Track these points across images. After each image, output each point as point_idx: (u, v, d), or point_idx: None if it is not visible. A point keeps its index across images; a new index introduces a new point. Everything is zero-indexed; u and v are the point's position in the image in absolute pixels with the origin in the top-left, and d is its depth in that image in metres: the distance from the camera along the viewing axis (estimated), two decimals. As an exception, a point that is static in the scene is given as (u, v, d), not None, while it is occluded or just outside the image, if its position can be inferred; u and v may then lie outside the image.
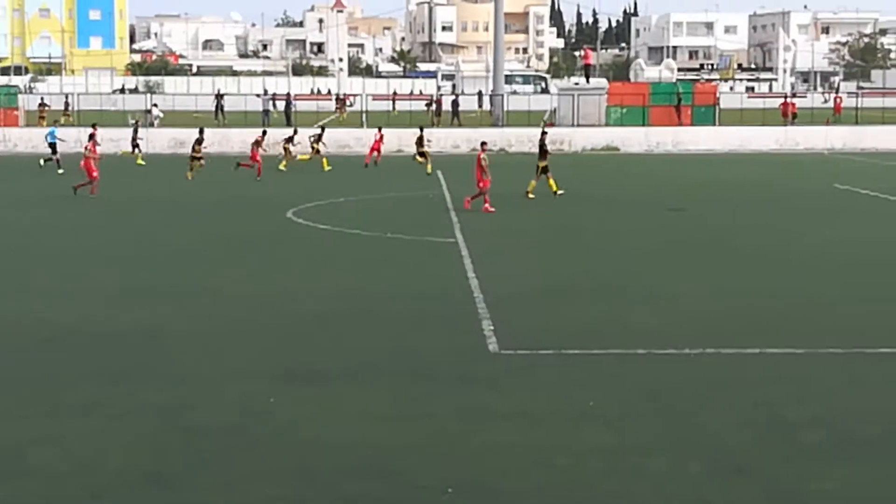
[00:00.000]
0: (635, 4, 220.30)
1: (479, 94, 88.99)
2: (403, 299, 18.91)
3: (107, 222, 29.85)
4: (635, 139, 57.00)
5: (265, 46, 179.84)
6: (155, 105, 66.58)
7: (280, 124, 64.44)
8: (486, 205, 30.32)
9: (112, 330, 16.62)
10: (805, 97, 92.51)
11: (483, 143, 32.64)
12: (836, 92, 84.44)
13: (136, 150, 50.03)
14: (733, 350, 15.22)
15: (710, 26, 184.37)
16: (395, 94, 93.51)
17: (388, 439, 11.56)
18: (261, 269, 22.20)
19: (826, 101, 78.38)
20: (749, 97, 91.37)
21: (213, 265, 22.85)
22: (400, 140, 54.03)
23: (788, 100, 72.87)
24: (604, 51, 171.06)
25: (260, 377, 13.92)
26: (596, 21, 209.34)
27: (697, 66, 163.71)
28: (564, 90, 67.99)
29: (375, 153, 47.25)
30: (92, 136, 38.20)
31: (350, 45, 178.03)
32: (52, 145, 44.55)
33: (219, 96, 76.63)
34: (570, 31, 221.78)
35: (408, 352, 15.25)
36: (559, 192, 33.60)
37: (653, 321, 17.18)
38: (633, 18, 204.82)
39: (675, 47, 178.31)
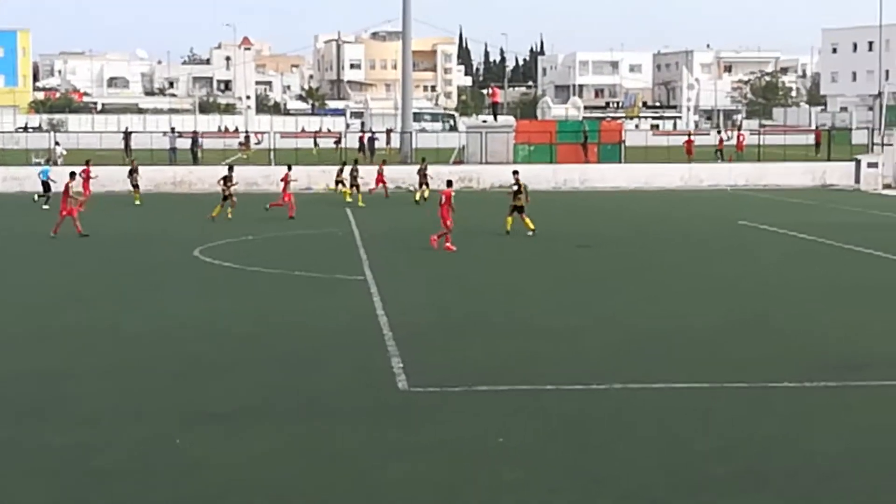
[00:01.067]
0: (542, 43, 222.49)
1: (388, 131, 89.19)
2: (312, 337, 18.77)
3: (3, 261, 29.31)
4: (543, 176, 57.40)
5: (171, 84, 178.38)
6: (58, 143, 65.71)
7: (187, 162, 63.98)
8: (448, 243, 30.15)
9: (11, 372, 16.26)
10: (708, 135, 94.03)
11: (449, 182, 32.49)
12: (739, 129, 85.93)
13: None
14: (639, 385, 15.32)
15: (615, 65, 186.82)
16: (315, 131, 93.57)
17: (295, 479, 11.41)
18: (165, 307, 21.90)
19: (729, 139, 79.63)
20: (654, 135, 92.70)
21: (117, 304, 22.48)
22: (309, 178, 53.92)
23: (692, 137, 74.04)
24: (511, 89, 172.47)
25: (165, 418, 13.69)
26: (503, 59, 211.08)
27: (603, 105, 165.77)
28: (472, 128, 68.47)
29: (382, 185, 49.77)
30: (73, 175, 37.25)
31: (258, 83, 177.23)
32: (45, 183, 45.69)
33: (127, 134, 75.97)
34: (477, 70, 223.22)
35: (316, 390, 15.12)
36: (533, 230, 33.36)
37: (561, 356, 17.25)
38: (539, 57, 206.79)
39: (581, 85, 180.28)
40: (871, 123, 72.60)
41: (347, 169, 49.15)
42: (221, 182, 40.67)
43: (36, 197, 46.27)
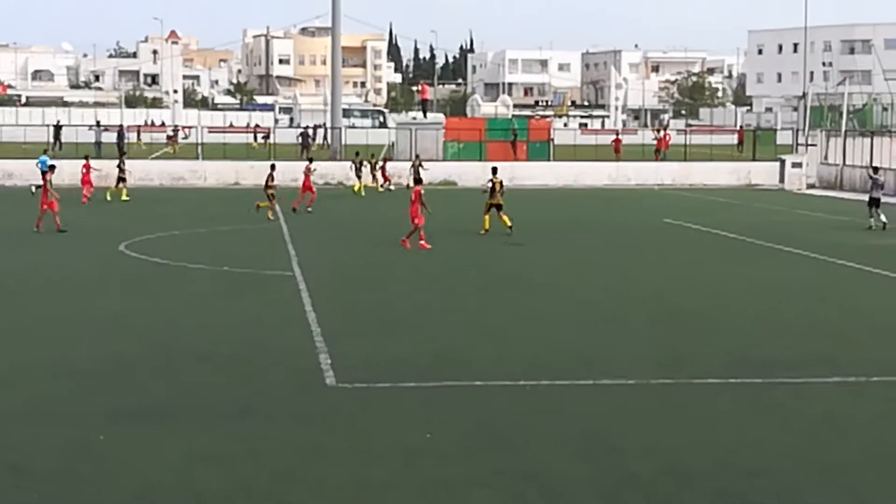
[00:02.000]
0: (471, 41, 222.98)
1: (316, 127, 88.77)
2: (238, 333, 18.62)
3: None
4: (472, 174, 57.38)
5: (97, 77, 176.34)
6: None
7: (112, 156, 63.23)
8: (422, 241, 29.83)
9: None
10: (636, 133, 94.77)
11: (419, 180, 32.52)
12: (665, 129, 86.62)
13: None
14: (567, 382, 15.40)
15: (544, 63, 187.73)
16: (255, 126, 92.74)
17: (216, 479, 11.29)
18: (87, 304, 21.63)
19: (656, 137, 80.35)
20: (582, 133, 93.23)
21: (35, 300, 22.15)
22: (237, 173, 53.56)
23: (620, 136, 74.64)
24: (441, 86, 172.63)
25: (84, 417, 13.49)
26: (433, 56, 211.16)
27: (533, 103, 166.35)
28: (402, 124, 68.34)
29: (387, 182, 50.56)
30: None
31: (185, 77, 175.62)
32: (44, 173, 44.22)
33: (57, 127, 75.01)
34: (407, 66, 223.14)
35: (240, 387, 15.00)
36: (510, 227, 33.12)
37: (489, 354, 17.27)
38: (469, 55, 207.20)
39: (510, 83, 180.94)
40: (795, 124, 73.53)
41: (347, 164, 50.37)
42: (268, 180, 38.72)
43: (34, 188, 45.08)
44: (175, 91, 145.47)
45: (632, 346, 18.03)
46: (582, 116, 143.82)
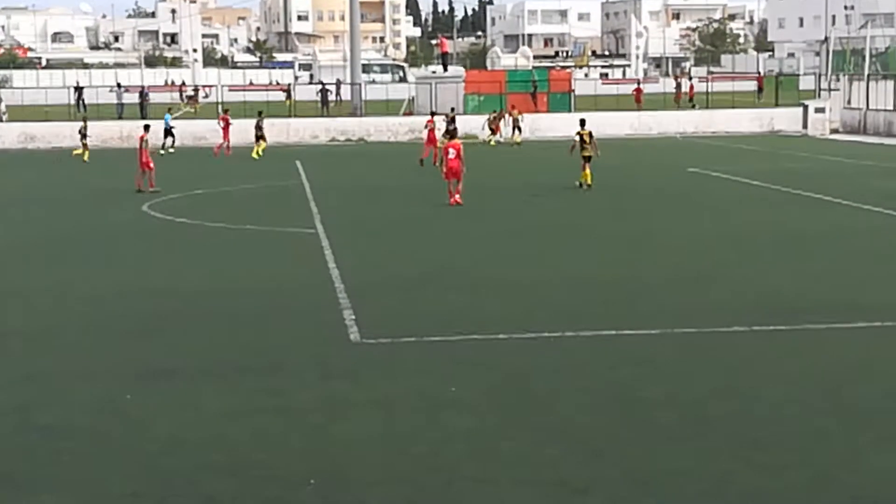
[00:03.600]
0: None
1: (338, 83, 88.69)
2: (262, 292, 18.72)
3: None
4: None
5: (117, 38, 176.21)
6: (0, 100, 64.86)
7: (135, 116, 63.38)
8: (458, 196, 29.25)
9: (-41, 331, 16.13)
10: (657, 82, 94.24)
11: (454, 132, 31.27)
12: (689, 77, 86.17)
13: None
14: (590, 332, 15.43)
15: (563, 14, 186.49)
16: (287, 85, 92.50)
17: (245, 435, 11.41)
18: (114, 265, 21.76)
19: (678, 84, 79.90)
20: (603, 83, 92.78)
21: (64, 261, 22.33)
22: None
23: (641, 85, 74.27)
24: (460, 39, 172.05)
25: (114, 376, 13.63)
26: (452, 10, 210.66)
27: (553, 54, 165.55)
28: (422, 79, 68.18)
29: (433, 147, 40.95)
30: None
31: (204, 36, 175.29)
32: (167, 130, 49.75)
33: (79, 89, 75.05)
34: (426, 20, 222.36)
35: (266, 345, 15.10)
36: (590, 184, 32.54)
37: (513, 306, 17.31)
38: (488, 7, 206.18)
39: (530, 35, 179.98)
40: (818, 69, 72.96)
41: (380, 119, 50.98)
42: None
43: (162, 150, 48.18)
44: (195, 50, 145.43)
45: (654, 296, 18.03)
46: (603, 66, 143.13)
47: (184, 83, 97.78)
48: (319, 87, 75.47)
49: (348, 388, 12.95)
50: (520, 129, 53.20)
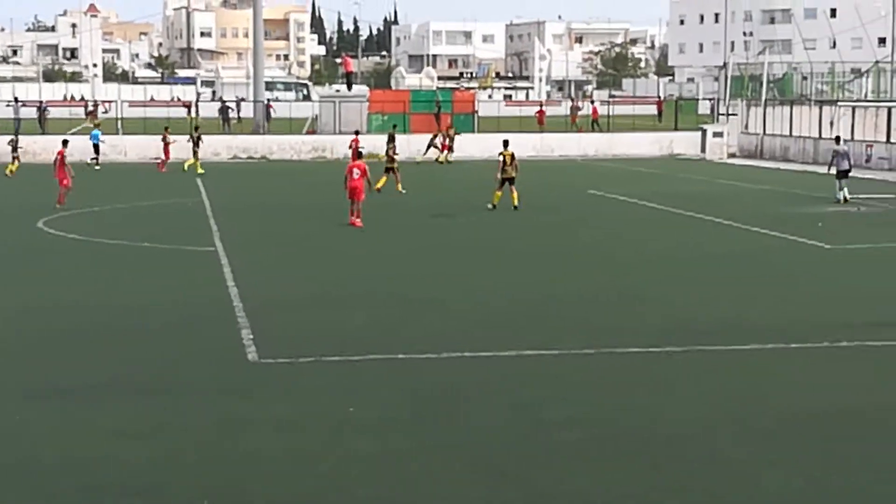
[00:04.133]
0: (395, 13, 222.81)
1: (239, 100, 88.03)
2: (159, 310, 18.40)
3: None
4: (397, 146, 57.23)
5: (15, 52, 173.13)
6: None
7: (34, 132, 62.27)
8: (358, 218, 28.79)
9: None
10: (560, 105, 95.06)
11: (360, 153, 31.72)
12: (592, 102, 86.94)
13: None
14: (491, 353, 15.40)
15: (468, 35, 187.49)
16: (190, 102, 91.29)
17: (140, 455, 11.15)
18: (5, 282, 21.27)
19: (581, 108, 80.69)
20: (507, 105, 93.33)
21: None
22: (158, 148, 52.89)
23: (543, 108, 74.87)
24: (365, 58, 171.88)
25: (4, 394, 13.28)
26: (357, 29, 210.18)
27: (457, 75, 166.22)
28: (326, 97, 67.91)
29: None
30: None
31: (105, 51, 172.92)
32: (96, 146, 50.59)
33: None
34: (331, 39, 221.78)
35: (162, 364, 14.82)
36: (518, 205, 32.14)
37: (414, 326, 17.24)
38: (393, 27, 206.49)
39: (435, 56, 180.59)
40: (716, 94, 74.20)
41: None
42: (389, 151, 39.31)
43: (89, 160, 49.20)
44: (95, 65, 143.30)
45: (556, 316, 18.08)
46: (506, 88, 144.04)
47: (83, 98, 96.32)
48: (220, 104, 74.81)
49: (245, 408, 12.75)
50: (452, 149, 53.47)
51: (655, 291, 20.31)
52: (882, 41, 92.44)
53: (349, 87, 67.58)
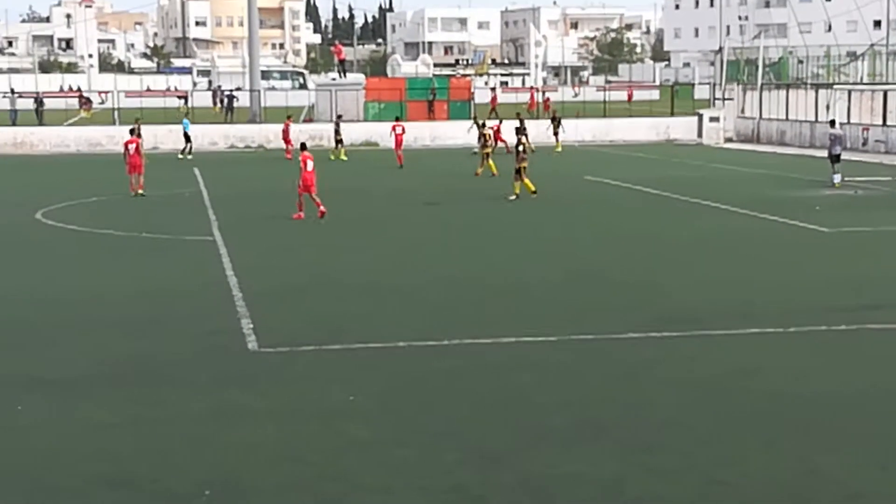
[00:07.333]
0: (390, 0, 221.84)
1: (237, 89, 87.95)
2: (159, 300, 18.51)
3: None
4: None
5: (10, 43, 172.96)
6: None
7: (31, 123, 62.33)
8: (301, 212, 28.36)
9: None
10: (556, 91, 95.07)
11: (304, 145, 30.76)
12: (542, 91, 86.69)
13: None
14: (487, 340, 15.52)
15: (463, 22, 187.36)
16: (77, 91, 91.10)
17: (136, 446, 11.26)
18: (4, 272, 21.36)
19: (577, 95, 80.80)
20: (503, 92, 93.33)
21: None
22: (156, 138, 53.00)
23: (547, 95, 74.99)
24: (360, 46, 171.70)
25: None
26: (352, 17, 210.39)
27: (453, 62, 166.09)
28: (322, 86, 67.97)
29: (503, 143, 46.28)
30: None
31: (100, 41, 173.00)
32: (186, 135, 51.24)
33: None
34: (326, 27, 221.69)
35: (163, 354, 14.94)
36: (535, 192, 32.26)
37: (410, 314, 17.36)
38: (388, 14, 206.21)
39: (430, 43, 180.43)
40: (712, 79, 74.19)
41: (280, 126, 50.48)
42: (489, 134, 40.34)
43: (180, 153, 50.27)
44: (90, 55, 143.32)
45: (548, 302, 18.20)
46: (502, 74, 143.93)
47: (79, 89, 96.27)
48: (227, 93, 74.56)
49: (245, 397, 12.87)
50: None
51: (652, 276, 20.42)
52: (878, 24, 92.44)
53: (343, 75, 67.64)
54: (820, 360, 14.53)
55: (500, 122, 51.11)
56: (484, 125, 43.57)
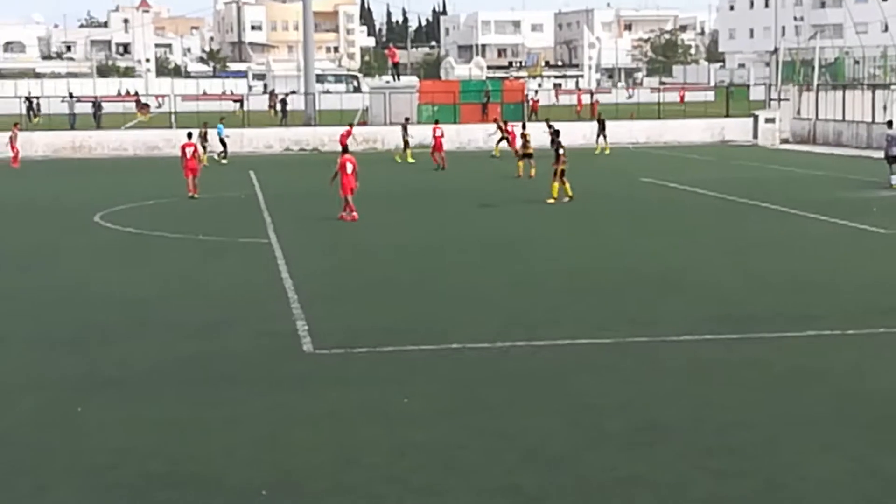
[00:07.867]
0: (444, 3, 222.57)
1: (290, 93, 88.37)
2: (215, 302, 18.62)
3: None
4: (447, 136, 57.32)
5: (69, 48, 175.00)
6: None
7: (90, 127, 62.99)
8: (347, 212, 28.50)
9: None
10: (609, 93, 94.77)
11: (346, 148, 31.13)
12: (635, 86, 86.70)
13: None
14: (541, 342, 15.46)
15: (517, 24, 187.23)
16: (271, 93, 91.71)
17: (196, 446, 11.34)
18: (64, 274, 21.57)
19: (631, 97, 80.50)
20: (558, 94, 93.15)
21: (13, 270, 22.07)
22: (212, 140, 53.35)
23: (596, 97, 74.75)
24: (414, 49, 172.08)
25: (61, 386, 13.52)
26: (406, 20, 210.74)
27: (506, 64, 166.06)
28: (376, 89, 68.13)
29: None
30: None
31: (157, 46, 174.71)
32: (222, 140, 50.76)
33: (29, 99, 74.48)
34: (380, 30, 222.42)
35: (219, 355, 15.01)
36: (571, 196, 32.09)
37: (465, 315, 17.33)
38: (441, 17, 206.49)
39: (484, 45, 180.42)
40: (768, 80, 73.60)
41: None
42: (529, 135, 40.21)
43: (216, 156, 49.59)
44: (147, 60, 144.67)
45: (609, 304, 18.11)
46: (556, 77, 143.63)
47: (136, 93, 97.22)
48: (281, 96, 75.02)
49: (301, 399, 12.91)
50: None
51: (711, 277, 20.27)
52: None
53: (397, 78, 67.79)
54: (879, 362, 14.35)
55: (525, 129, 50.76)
56: (525, 126, 43.68)
